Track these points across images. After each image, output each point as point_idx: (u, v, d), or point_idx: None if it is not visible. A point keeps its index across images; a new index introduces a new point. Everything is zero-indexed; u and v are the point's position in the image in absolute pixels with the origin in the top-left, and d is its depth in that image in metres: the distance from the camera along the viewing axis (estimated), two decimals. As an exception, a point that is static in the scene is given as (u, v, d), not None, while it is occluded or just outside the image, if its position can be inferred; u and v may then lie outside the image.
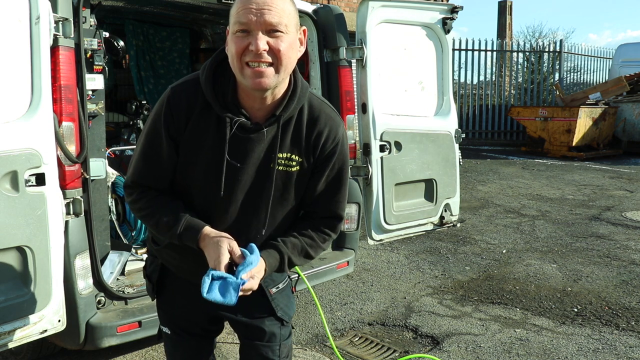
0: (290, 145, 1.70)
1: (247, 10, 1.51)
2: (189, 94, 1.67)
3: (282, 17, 1.53)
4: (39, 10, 2.44)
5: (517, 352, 3.57)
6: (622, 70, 14.39)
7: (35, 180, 2.41)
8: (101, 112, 3.04)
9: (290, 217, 1.82)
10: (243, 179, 1.70)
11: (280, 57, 1.54)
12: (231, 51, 1.56)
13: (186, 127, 1.67)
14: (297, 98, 1.67)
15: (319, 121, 1.72)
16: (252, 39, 1.52)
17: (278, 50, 1.54)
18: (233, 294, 1.58)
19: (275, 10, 1.52)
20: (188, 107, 1.66)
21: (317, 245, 1.80)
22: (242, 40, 1.53)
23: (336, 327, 3.95)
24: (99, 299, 2.88)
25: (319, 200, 1.80)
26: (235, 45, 1.54)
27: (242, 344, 2.00)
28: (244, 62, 1.54)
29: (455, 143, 4.36)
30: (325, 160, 1.75)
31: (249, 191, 1.72)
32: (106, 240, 3.18)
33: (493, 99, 15.39)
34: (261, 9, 1.51)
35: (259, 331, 1.92)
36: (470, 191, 8.75)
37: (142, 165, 1.74)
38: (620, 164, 11.87)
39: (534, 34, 25.12)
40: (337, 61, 3.92)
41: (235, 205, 1.72)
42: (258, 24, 1.51)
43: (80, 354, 3.36)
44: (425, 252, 5.68)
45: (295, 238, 1.76)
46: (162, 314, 2.00)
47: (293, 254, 1.76)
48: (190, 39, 5.97)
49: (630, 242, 5.99)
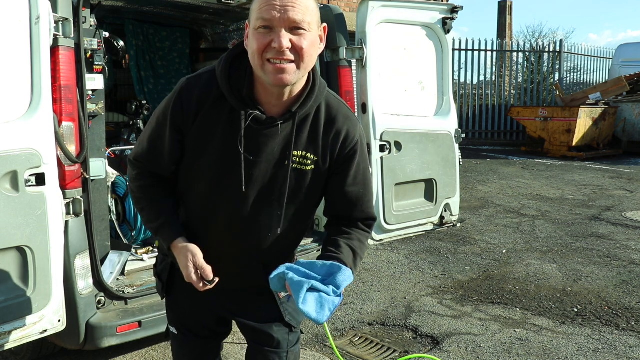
0: (307, 143, 1.68)
1: (271, 6, 1.48)
2: (202, 87, 1.65)
3: (305, 14, 1.51)
4: (39, 10, 2.44)
5: (517, 352, 3.57)
6: (622, 70, 14.38)
7: (35, 180, 2.41)
8: (101, 112, 3.04)
9: (303, 218, 1.80)
10: (255, 174, 1.67)
11: (302, 55, 1.53)
12: (252, 47, 1.54)
13: (195, 120, 1.66)
14: (314, 96, 1.65)
15: (336, 121, 1.70)
16: (275, 36, 1.50)
17: (301, 48, 1.52)
18: (327, 312, 1.50)
19: (299, 7, 1.49)
20: (199, 101, 1.65)
21: (364, 247, 1.78)
22: (265, 36, 1.51)
23: (336, 327, 3.95)
24: (99, 299, 2.88)
25: (352, 203, 1.76)
26: (257, 41, 1.52)
27: (250, 347, 1.97)
28: (266, 58, 1.52)
29: (455, 143, 4.36)
30: (347, 161, 1.72)
31: (262, 187, 1.69)
32: (106, 240, 3.18)
33: (493, 99, 15.38)
34: (285, 5, 1.48)
35: (266, 336, 1.89)
36: (470, 191, 8.75)
37: (146, 147, 1.76)
38: (620, 164, 11.87)
39: (534, 34, 25.17)
40: (337, 61, 3.91)
41: (246, 201, 1.70)
42: (281, 21, 1.49)
43: (80, 354, 3.36)
44: (425, 252, 5.68)
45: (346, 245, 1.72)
46: (170, 313, 1.99)
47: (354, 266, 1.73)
48: (190, 39, 5.97)
49: (630, 242, 5.99)
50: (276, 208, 1.72)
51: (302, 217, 1.80)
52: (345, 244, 1.72)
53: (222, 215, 1.72)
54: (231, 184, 1.67)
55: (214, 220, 1.75)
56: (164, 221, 1.74)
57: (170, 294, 1.95)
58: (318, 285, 1.52)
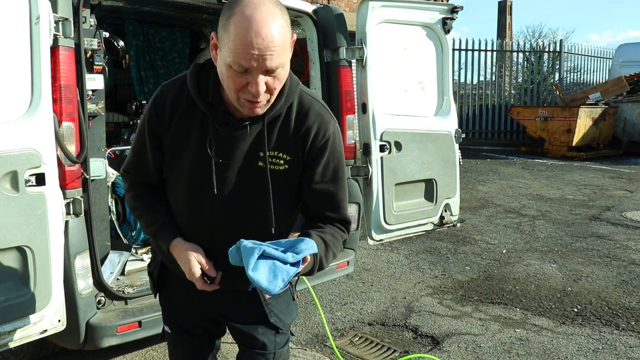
0: (276, 142, 1.68)
1: (250, 56, 1.44)
2: (175, 91, 1.70)
3: (281, 56, 1.48)
4: (39, 10, 2.44)
5: (517, 352, 3.57)
6: (622, 70, 14.39)
7: (35, 180, 2.41)
8: (101, 112, 3.04)
9: (284, 215, 1.77)
10: (229, 176, 1.68)
11: (274, 92, 1.56)
12: (227, 84, 1.53)
13: (170, 125, 1.70)
14: (284, 97, 1.65)
15: (307, 118, 1.69)
16: (252, 80, 1.49)
17: (274, 88, 1.54)
18: (280, 282, 1.40)
19: (276, 52, 1.46)
20: (172, 106, 1.69)
21: (338, 244, 1.76)
22: (240, 78, 1.50)
23: (336, 327, 3.95)
24: (99, 299, 2.88)
25: (323, 201, 1.75)
26: (232, 81, 1.51)
27: (240, 350, 1.98)
28: (241, 96, 1.53)
29: (455, 143, 4.36)
30: (317, 157, 1.70)
31: (238, 189, 1.70)
32: (106, 240, 3.18)
33: (493, 99, 15.38)
34: (263, 55, 1.44)
35: (251, 339, 1.89)
36: (470, 191, 8.75)
37: (133, 158, 1.84)
38: (620, 164, 11.87)
39: (534, 34, 25.17)
40: (337, 61, 3.91)
41: (224, 202, 1.70)
42: (258, 69, 1.47)
43: (80, 354, 3.36)
44: (425, 252, 5.68)
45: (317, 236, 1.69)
46: (163, 313, 2.01)
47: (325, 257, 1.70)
48: (190, 39, 5.97)
49: (630, 242, 5.99)
50: (262, 209, 1.70)
51: (284, 215, 1.77)
52: (316, 234, 1.69)
53: (206, 218, 1.73)
54: (208, 187, 1.68)
55: (198, 224, 1.75)
56: (161, 224, 1.78)
57: (163, 293, 1.98)
58: (271, 251, 1.43)
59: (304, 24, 4.00)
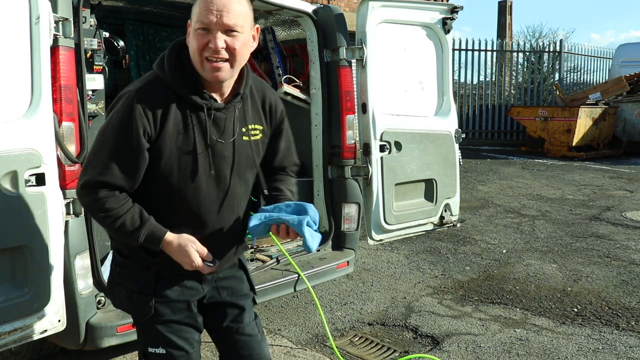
0: (252, 116, 1.95)
1: (209, 11, 1.70)
2: (156, 92, 1.79)
3: (238, 18, 1.73)
4: (39, 10, 2.44)
5: (517, 352, 3.57)
6: (622, 70, 14.39)
7: (35, 180, 2.42)
8: (101, 112, 3.04)
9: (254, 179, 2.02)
10: (226, 155, 1.87)
11: (235, 55, 1.76)
12: (192, 46, 1.76)
13: (157, 125, 1.77)
14: (250, 76, 1.91)
15: (266, 94, 2.01)
16: (212, 37, 1.72)
17: (234, 48, 1.75)
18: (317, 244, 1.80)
19: (234, 12, 1.72)
20: (158, 105, 1.78)
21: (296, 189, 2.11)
22: (203, 37, 1.73)
23: (336, 327, 3.95)
24: (99, 299, 2.88)
25: (285, 156, 2.09)
26: (196, 41, 1.74)
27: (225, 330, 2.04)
28: (204, 56, 1.74)
29: (455, 143, 4.36)
30: (281, 123, 2.06)
31: (236, 165, 1.90)
32: (106, 240, 3.18)
33: (493, 99, 15.38)
34: (221, 11, 1.70)
35: (245, 312, 2.07)
36: (470, 191, 8.75)
37: (115, 165, 1.74)
38: (620, 164, 11.87)
39: (534, 34, 25.11)
40: (337, 61, 3.92)
41: (226, 181, 1.88)
42: (217, 25, 1.71)
43: (80, 354, 3.36)
44: (425, 252, 5.68)
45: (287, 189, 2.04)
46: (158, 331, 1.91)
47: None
48: (190, 39, 5.97)
49: (630, 242, 5.99)
50: (250, 180, 1.98)
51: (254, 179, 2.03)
52: (285, 188, 2.04)
53: (205, 202, 1.86)
54: (211, 169, 1.85)
55: (193, 211, 1.86)
56: (149, 223, 1.79)
57: (158, 308, 1.89)
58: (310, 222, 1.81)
59: (304, 24, 4.00)
